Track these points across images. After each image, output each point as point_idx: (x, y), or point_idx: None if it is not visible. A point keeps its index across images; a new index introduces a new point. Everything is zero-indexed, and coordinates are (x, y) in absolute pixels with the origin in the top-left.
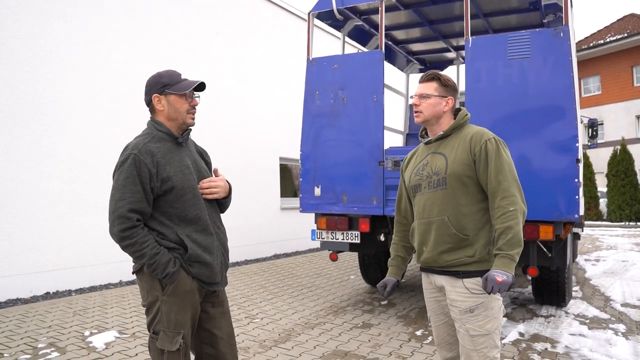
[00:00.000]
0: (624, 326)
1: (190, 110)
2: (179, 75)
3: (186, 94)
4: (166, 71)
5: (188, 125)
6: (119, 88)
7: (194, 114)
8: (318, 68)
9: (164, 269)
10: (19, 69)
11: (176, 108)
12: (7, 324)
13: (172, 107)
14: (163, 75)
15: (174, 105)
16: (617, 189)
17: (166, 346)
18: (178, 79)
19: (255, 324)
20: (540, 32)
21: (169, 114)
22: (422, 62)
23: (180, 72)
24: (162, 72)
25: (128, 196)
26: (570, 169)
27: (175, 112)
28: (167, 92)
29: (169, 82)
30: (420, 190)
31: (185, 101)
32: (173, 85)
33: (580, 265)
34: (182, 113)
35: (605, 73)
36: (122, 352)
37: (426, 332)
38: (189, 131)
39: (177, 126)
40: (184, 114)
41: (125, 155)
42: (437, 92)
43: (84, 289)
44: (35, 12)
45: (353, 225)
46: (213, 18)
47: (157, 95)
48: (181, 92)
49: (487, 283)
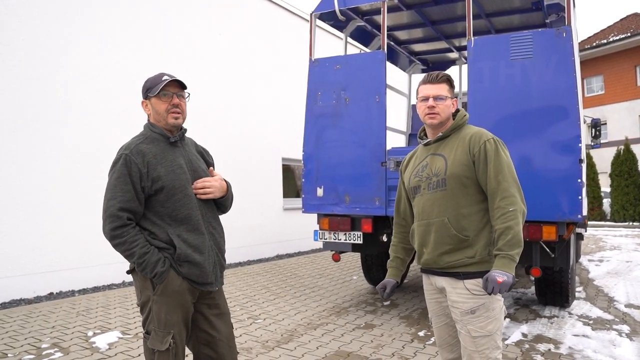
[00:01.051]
0: (628, 327)
1: (170, 110)
2: (160, 78)
3: (166, 95)
4: (154, 75)
5: (172, 125)
6: (121, 89)
7: (177, 112)
8: (320, 69)
9: (153, 269)
10: (21, 70)
11: (157, 110)
12: (11, 324)
13: (154, 110)
14: (148, 80)
15: (155, 108)
16: (621, 189)
17: (156, 346)
18: (159, 80)
19: (257, 324)
20: (543, 32)
21: (154, 116)
22: (425, 63)
23: (165, 74)
24: (149, 77)
25: (119, 195)
26: (574, 169)
27: (156, 114)
28: (149, 96)
29: (150, 85)
30: (419, 191)
31: (163, 102)
32: (152, 88)
33: (583, 266)
34: (162, 114)
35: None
36: (125, 352)
37: (429, 332)
38: (184, 131)
39: (165, 127)
40: (164, 114)
41: (117, 155)
42: (449, 94)
43: (87, 289)
44: (38, 13)
45: (355, 226)
46: (216, 19)
47: (143, 101)
48: (155, 94)
49: (487, 284)
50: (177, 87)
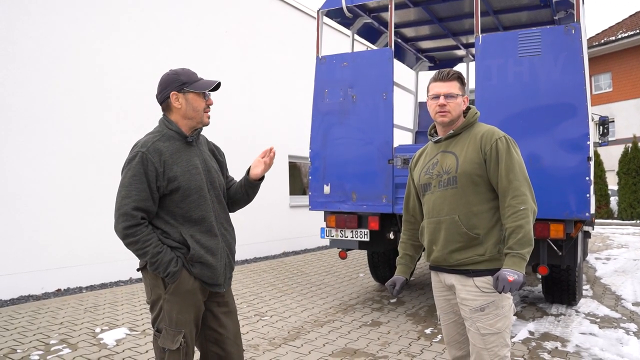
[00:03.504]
0: (635, 325)
1: (206, 109)
2: (195, 74)
3: (204, 93)
4: (182, 69)
5: (204, 125)
6: (128, 87)
7: (209, 112)
8: (327, 66)
9: (166, 268)
10: (30, 68)
11: (194, 106)
12: (20, 320)
13: (190, 106)
14: (180, 73)
15: (192, 104)
16: (629, 187)
17: (167, 345)
18: (196, 77)
19: (264, 321)
20: (551, 29)
21: (186, 112)
22: (432, 60)
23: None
24: (179, 70)
25: (134, 194)
26: (581, 167)
27: (193, 110)
28: (186, 90)
29: (188, 80)
30: (430, 188)
31: (202, 100)
32: (192, 83)
33: (590, 264)
34: (199, 112)
35: (617, 70)
36: (132, 348)
37: (435, 330)
38: (199, 130)
39: (191, 125)
40: (201, 112)
41: (133, 152)
42: (460, 92)
43: (94, 286)
44: (47, 12)
45: (362, 223)
46: (222, 16)
47: (175, 93)
48: (200, 91)
49: (498, 282)
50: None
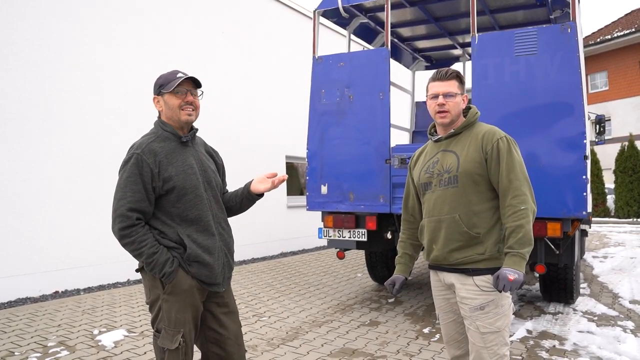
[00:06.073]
0: (632, 323)
1: (183, 107)
2: (174, 74)
3: (180, 91)
4: (167, 72)
5: (184, 122)
6: (125, 88)
7: (190, 110)
8: (324, 66)
9: (162, 269)
10: (26, 70)
11: (169, 106)
12: (17, 322)
13: (166, 106)
14: (161, 76)
15: (167, 103)
16: (625, 185)
17: (166, 344)
18: (172, 77)
19: (263, 322)
20: (548, 28)
21: (166, 113)
22: (428, 59)
23: (180, 71)
24: (163, 74)
25: (129, 195)
26: (578, 165)
27: (169, 110)
28: (162, 92)
29: (163, 82)
30: (430, 187)
31: (177, 98)
32: (166, 84)
33: (588, 262)
34: (174, 110)
35: (613, 69)
36: (130, 350)
37: (434, 329)
38: (195, 131)
39: (177, 125)
40: (176, 110)
41: (129, 154)
42: (459, 91)
43: (92, 287)
44: (43, 13)
45: (360, 223)
46: (218, 17)
47: (155, 97)
48: (170, 90)
49: (498, 281)
50: (192, 85)
